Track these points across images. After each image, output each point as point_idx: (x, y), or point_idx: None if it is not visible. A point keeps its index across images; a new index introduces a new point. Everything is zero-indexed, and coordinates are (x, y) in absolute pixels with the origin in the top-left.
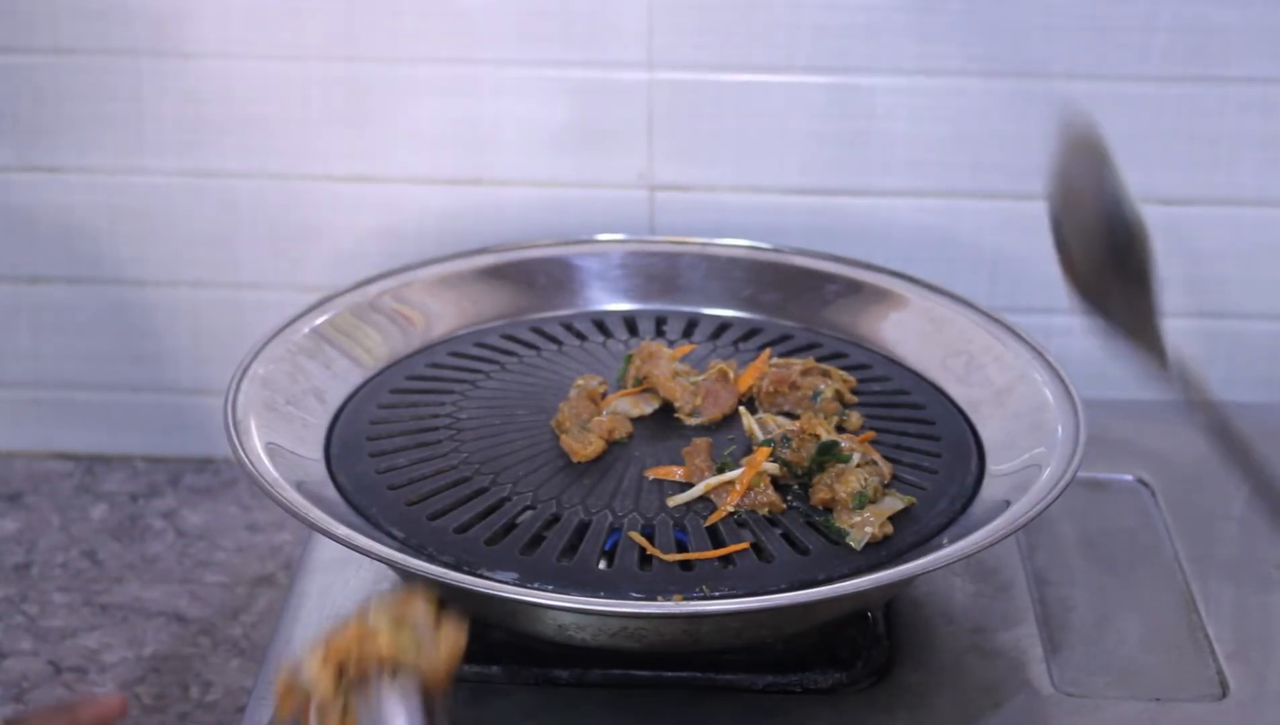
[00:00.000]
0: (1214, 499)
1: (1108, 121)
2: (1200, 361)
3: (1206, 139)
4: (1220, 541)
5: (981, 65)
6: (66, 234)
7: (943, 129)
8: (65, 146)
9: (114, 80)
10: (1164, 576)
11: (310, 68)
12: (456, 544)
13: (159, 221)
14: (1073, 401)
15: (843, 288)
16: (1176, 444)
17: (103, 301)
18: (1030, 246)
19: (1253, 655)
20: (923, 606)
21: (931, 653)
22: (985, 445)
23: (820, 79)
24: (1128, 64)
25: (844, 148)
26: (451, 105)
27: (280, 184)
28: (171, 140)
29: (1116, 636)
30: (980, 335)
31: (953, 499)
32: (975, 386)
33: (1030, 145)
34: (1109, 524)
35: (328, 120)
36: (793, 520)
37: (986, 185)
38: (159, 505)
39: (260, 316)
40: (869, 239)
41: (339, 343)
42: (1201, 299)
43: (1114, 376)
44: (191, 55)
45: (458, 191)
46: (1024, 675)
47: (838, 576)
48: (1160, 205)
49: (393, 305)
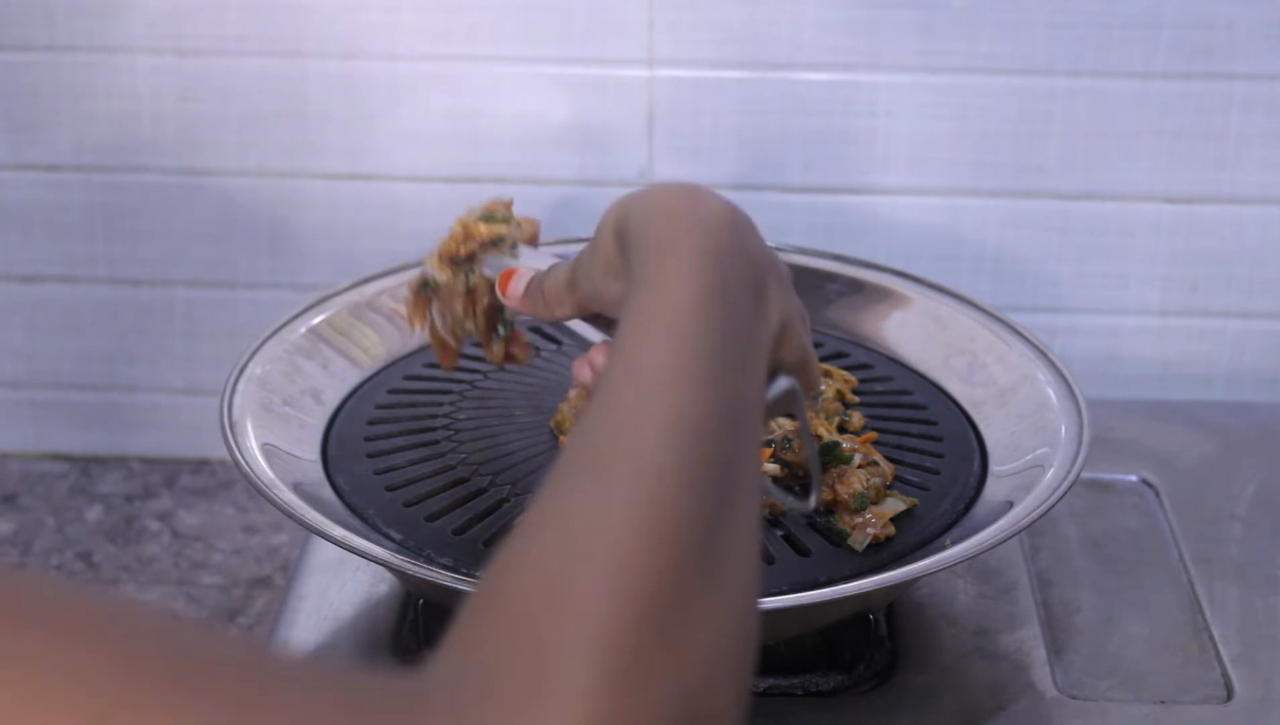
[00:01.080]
0: (1219, 500)
1: (1112, 119)
2: (1205, 361)
3: (1212, 137)
4: (1225, 543)
5: (985, 62)
6: (61, 233)
7: (945, 126)
8: (60, 144)
9: (109, 78)
10: (1169, 578)
11: (307, 64)
12: (455, 545)
13: (154, 220)
14: (1076, 401)
15: (844, 287)
16: (1181, 444)
17: (98, 301)
18: (1034, 245)
19: (1258, 657)
20: (925, 608)
21: (934, 655)
22: (988, 445)
23: (822, 75)
24: (1132, 61)
25: (846, 145)
26: (450, 102)
27: (277, 182)
28: (167, 138)
29: (1121, 639)
30: (983, 335)
31: (955, 500)
32: (978, 386)
33: (1034, 143)
34: (1113, 525)
35: (325, 117)
36: (794, 521)
37: (990, 183)
38: (154, 507)
39: (256, 316)
40: (871, 237)
41: (336, 343)
42: (1207, 298)
43: (1118, 376)
44: (187, 52)
45: (456, 189)
46: (1028, 678)
47: (839, 578)
48: (1165, 203)
49: (391, 305)
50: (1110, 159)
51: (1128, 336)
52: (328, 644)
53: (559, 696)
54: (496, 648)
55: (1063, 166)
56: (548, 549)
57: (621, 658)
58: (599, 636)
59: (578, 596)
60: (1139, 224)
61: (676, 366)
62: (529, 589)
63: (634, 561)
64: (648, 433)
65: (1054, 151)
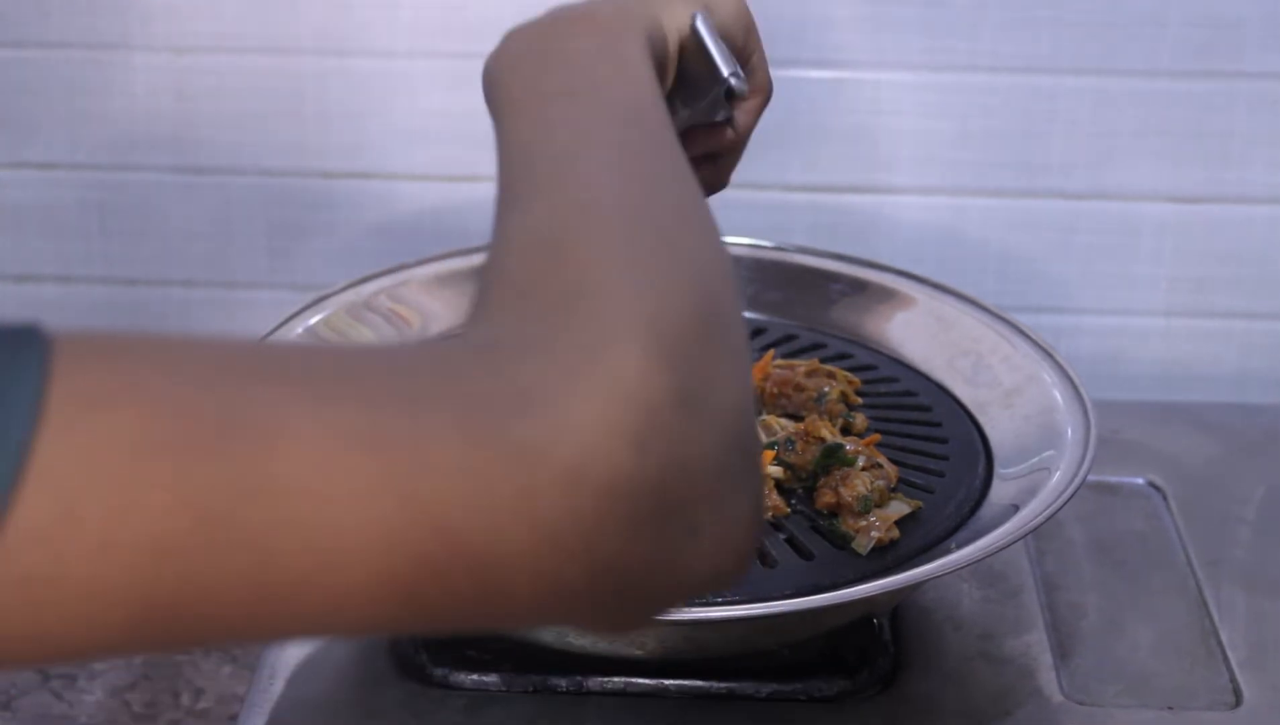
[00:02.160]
0: (1227, 503)
1: (1117, 117)
2: (1212, 362)
3: (1218, 135)
4: (1233, 546)
5: (989, 60)
6: (56, 232)
7: (949, 125)
8: (55, 142)
9: (105, 75)
10: (1176, 582)
11: (304, 61)
12: None
13: (150, 219)
14: (1083, 403)
15: (847, 287)
16: (1189, 447)
17: (94, 301)
18: (1039, 244)
19: (1267, 663)
20: (930, 613)
21: (939, 660)
22: (993, 448)
23: (825, 73)
24: (1137, 59)
25: (849, 144)
26: (449, 100)
27: (274, 180)
28: (163, 136)
29: (1128, 643)
30: (988, 335)
31: (960, 503)
32: (983, 387)
33: (1038, 142)
34: (1120, 528)
35: (323, 115)
36: (797, 525)
37: (994, 182)
38: None
39: (253, 316)
40: (874, 237)
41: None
42: (1213, 298)
43: (1124, 377)
44: (184, 49)
45: (455, 188)
46: (1033, 683)
47: (843, 582)
48: (1170, 203)
49: (389, 305)
50: (1115, 158)
51: (1133, 337)
52: (326, 643)
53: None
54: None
55: (1067, 165)
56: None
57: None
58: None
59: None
60: (1145, 223)
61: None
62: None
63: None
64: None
65: (1059, 150)
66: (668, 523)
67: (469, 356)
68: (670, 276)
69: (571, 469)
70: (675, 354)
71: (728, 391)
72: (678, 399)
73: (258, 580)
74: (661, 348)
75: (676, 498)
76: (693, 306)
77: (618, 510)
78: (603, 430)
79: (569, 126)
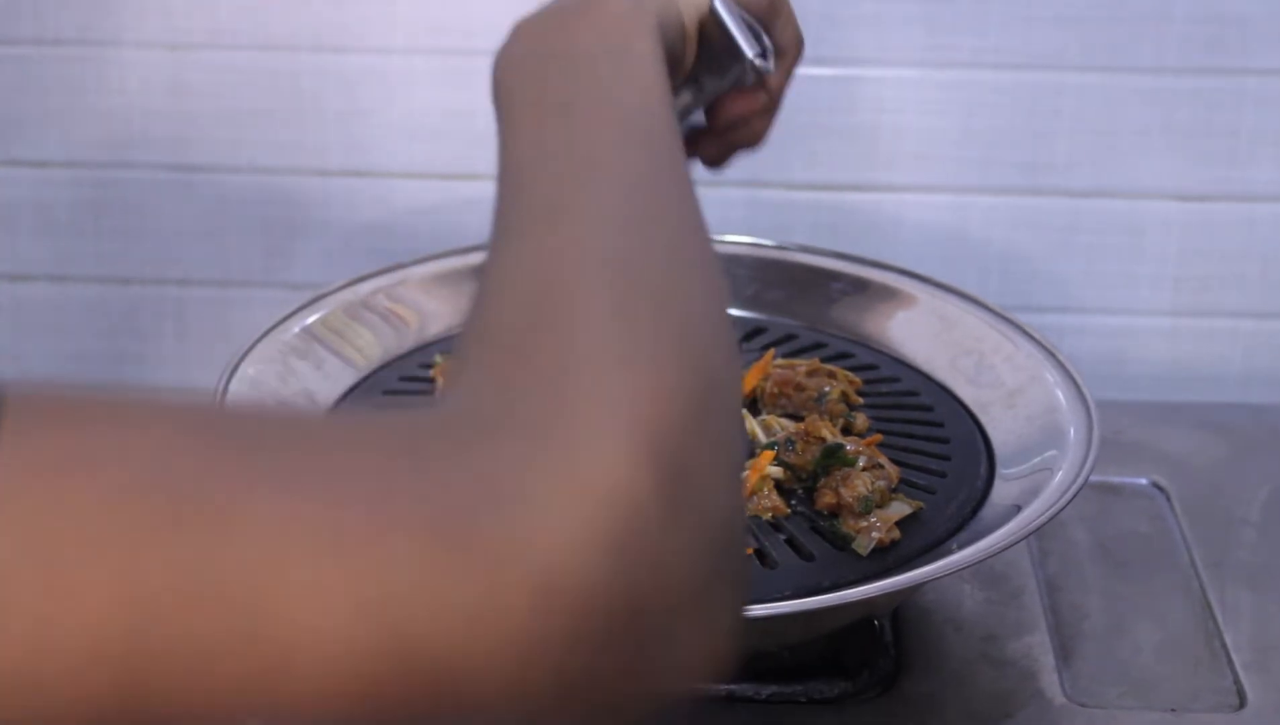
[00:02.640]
0: (1231, 503)
1: (1122, 115)
2: (1217, 361)
3: (1224, 133)
4: (1238, 547)
5: (992, 57)
6: (50, 230)
7: (952, 123)
8: (49, 140)
9: (98, 72)
10: (1180, 583)
11: (301, 59)
12: None
13: (145, 217)
14: (1086, 403)
15: (849, 286)
16: (1192, 447)
17: (88, 300)
18: (1042, 243)
19: (1272, 665)
20: (931, 614)
21: (940, 661)
22: (995, 448)
23: (827, 71)
24: (1142, 56)
25: (850, 142)
26: (446, 97)
27: (270, 179)
28: (158, 133)
29: (1131, 645)
30: (990, 335)
31: (962, 503)
32: (985, 387)
33: (1042, 140)
34: (1123, 529)
35: (319, 112)
36: (797, 525)
37: (997, 181)
38: None
39: (249, 315)
40: (876, 236)
41: (330, 342)
42: (1219, 297)
43: (1128, 377)
44: (178, 46)
45: (453, 186)
46: (1035, 685)
47: (843, 583)
48: (1176, 201)
49: (386, 304)
50: (1120, 156)
51: (1138, 337)
52: None
53: (594, 441)
54: (530, 393)
55: (1071, 164)
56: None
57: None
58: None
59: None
60: (1149, 222)
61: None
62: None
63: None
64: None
65: (1063, 148)
66: (645, 635)
67: (444, 433)
68: (665, 355)
69: (543, 578)
70: (664, 452)
71: (718, 492)
72: (663, 503)
73: (201, 684)
74: (650, 446)
75: (655, 609)
76: (687, 394)
77: (591, 624)
78: (579, 537)
79: (567, 150)
